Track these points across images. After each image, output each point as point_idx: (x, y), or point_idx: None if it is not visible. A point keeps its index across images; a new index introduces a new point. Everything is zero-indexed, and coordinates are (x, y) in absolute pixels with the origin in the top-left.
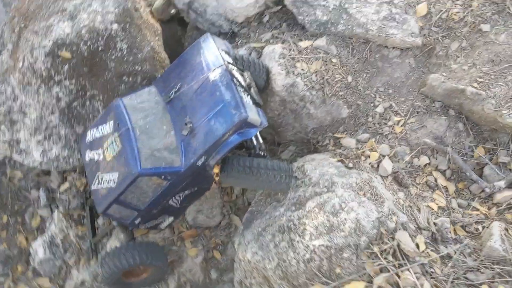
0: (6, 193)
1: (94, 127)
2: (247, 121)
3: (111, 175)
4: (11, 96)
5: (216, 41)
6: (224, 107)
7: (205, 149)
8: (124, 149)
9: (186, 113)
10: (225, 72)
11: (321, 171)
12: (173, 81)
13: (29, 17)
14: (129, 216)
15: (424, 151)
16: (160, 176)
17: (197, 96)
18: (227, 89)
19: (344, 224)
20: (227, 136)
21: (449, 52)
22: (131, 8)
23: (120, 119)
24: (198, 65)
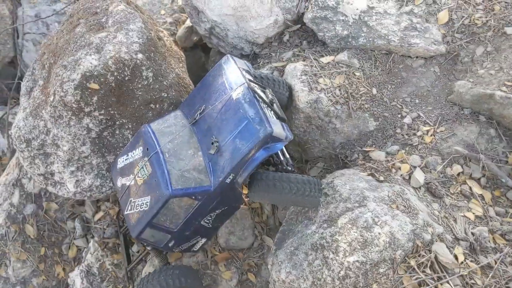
0: (43, 225)
1: (124, 154)
2: (272, 135)
3: (143, 199)
4: (44, 130)
5: (236, 61)
6: (249, 123)
7: (232, 166)
8: (155, 173)
9: (211, 133)
10: (247, 90)
11: (351, 186)
12: (198, 103)
13: (58, 53)
14: (162, 240)
15: (456, 159)
16: (191, 196)
17: (221, 116)
18: (250, 106)
19: (378, 238)
20: (253, 152)
21: (474, 58)
22: (155, 37)
23: (149, 143)
24: (220, 86)
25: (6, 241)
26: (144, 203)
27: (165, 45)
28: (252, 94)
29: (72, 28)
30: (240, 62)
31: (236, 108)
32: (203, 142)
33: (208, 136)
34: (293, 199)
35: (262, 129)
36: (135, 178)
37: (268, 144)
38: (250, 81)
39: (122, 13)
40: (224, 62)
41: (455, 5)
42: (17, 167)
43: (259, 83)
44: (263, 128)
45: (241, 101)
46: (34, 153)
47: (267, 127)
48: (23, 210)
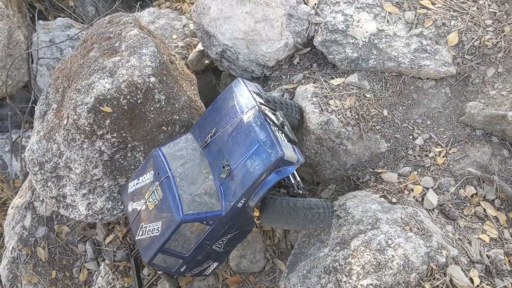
0: (54, 248)
1: (135, 178)
2: (284, 159)
3: (155, 224)
4: (57, 153)
5: (247, 84)
6: (260, 147)
7: (244, 190)
8: (166, 197)
9: (223, 157)
10: (258, 113)
11: (363, 208)
12: (208, 126)
13: (71, 77)
14: (174, 265)
15: (470, 181)
16: (202, 221)
17: (233, 139)
18: (261, 129)
19: (392, 261)
20: (264, 176)
21: (485, 79)
22: (167, 61)
23: (160, 168)
24: (231, 109)
25: (18, 264)
26: (156, 228)
27: (177, 68)
28: (263, 117)
29: (86, 52)
30: (251, 85)
31: (247, 132)
32: (214, 166)
33: (219, 159)
34: (305, 225)
35: (274, 152)
36: (146, 203)
37: (280, 167)
38: (261, 104)
39: (135, 38)
40: (235, 85)
41: (464, 27)
42: (30, 190)
43: (270, 106)
44: (275, 152)
45: (252, 125)
46: (47, 176)
47: (279, 151)
48: (35, 233)
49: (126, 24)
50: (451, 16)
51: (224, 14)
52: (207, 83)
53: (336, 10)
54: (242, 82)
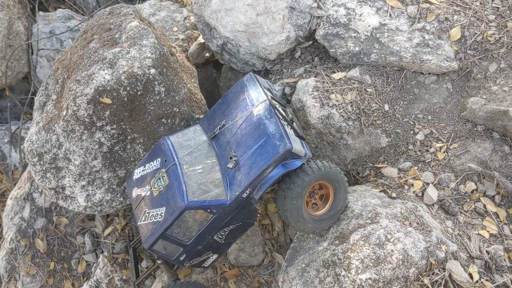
0: (53, 240)
1: (141, 165)
2: (292, 151)
3: (158, 210)
4: (56, 144)
5: (259, 79)
6: (268, 139)
7: (250, 181)
8: (172, 184)
9: (231, 148)
10: (268, 107)
11: (363, 203)
12: (218, 118)
13: (71, 68)
14: (174, 253)
15: (470, 176)
16: (206, 209)
17: (241, 131)
18: (270, 122)
19: (391, 255)
20: (272, 167)
21: (487, 74)
22: (168, 53)
23: (167, 155)
24: (242, 102)
25: (16, 255)
26: (159, 214)
27: (177, 60)
28: (273, 111)
29: (86, 43)
30: (262, 80)
31: (257, 124)
32: (222, 157)
33: (227, 150)
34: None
35: (282, 145)
36: (151, 189)
37: (287, 160)
38: (272, 98)
39: (135, 29)
40: (247, 79)
41: (467, 22)
42: (29, 181)
43: (280, 102)
44: (283, 144)
45: (261, 117)
46: (46, 167)
47: (287, 143)
48: (33, 224)
49: (126, 15)
50: (454, 11)
51: (225, 6)
52: (207, 76)
53: (338, 3)
54: (254, 77)
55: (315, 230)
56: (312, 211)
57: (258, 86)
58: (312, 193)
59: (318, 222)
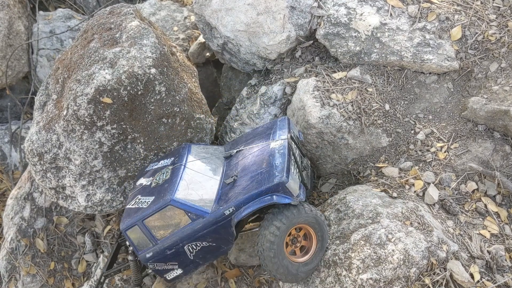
0: (53, 239)
1: (157, 161)
2: (285, 185)
3: (147, 198)
4: (57, 143)
5: (290, 124)
6: (270, 168)
7: (237, 201)
8: (170, 179)
9: (236, 169)
10: (285, 144)
11: (364, 202)
12: (239, 144)
13: (72, 67)
14: (143, 246)
15: (471, 176)
16: (187, 212)
17: (253, 157)
18: (280, 156)
19: (392, 255)
20: (261, 194)
21: (488, 74)
22: (168, 52)
23: (179, 157)
24: (266, 136)
25: (17, 255)
26: (146, 201)
27: (178, 60)
28: (288, 149)
29: (86, 43)
30: (293, 127)
31: (268, 155)
32: (226, 175)
33: (233, 170)
34: None
35: (279, 176)
36: (153, 180)
37: (278, 192)
38: (293, 140)
39: (136, 29)
40: (280, 120)
41: (468, 22)
42: (29, 181)
43: (301, 150)
44: (280, 176)
45: (274, 150)
46: (46, 167)
47: (283, 176)
48: (33, 224)
49: (127, 15)
50: (455, 11)
51: (226, 5)
52: (208, 76)
53: (339, 3)
54: (288, 120)
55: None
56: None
57: (286, 128)
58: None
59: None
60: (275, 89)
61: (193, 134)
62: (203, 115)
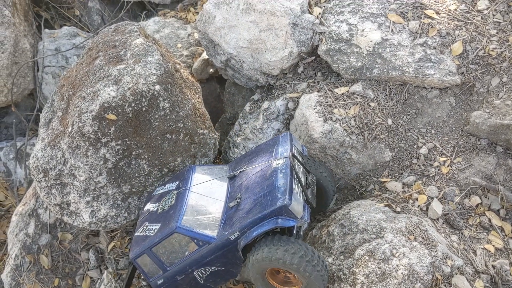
0: (57, 256)
1: (163, 185)
2: (288, 208)
3: (154, 225)
4: (61, 160)
5: (293, 140)
6: (273, 190)
7: (241, 225)
8: (175, 206)
9: (240, 190)
10: (287, 163)
11: (368, 217)
12: (243, 163)
13: (77, 84)
14: (153, 273)
15: (475, 190)
16: (193, 239)
17: (256, 178)
18: (282, 176)
19: (396, 270)
20: (264, 218)
21: (490, 88)
22: (172, 69)
23: (184, 180)
24: (269, 155)
25: (21, 271)
26: (153, 229)
27: (181, 76)
28: (289, 168)
29: (91, 60)
30: (296, 142)
31: (270, 175)
32: (230, 197)
33: (237, 191)
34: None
35: (281, 199)
36: (159, 206)
37: (282, 215)
38: (295, 158)
39: (140, 46)
40: (282, 136)
41: (469, 37)
42: (34, 197)
43: (305, 166)
44: (282, 198)
45: (277, 170)
46: (51, 183)
47: (286, 199)
48: (38, 241)
49: (131, 32)
50: (456, 26)
51: (229, 23)
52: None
53: (340, 19)
54: (290, 136)
55: None
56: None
57: (288, 145)
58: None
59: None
60: (278, 104)
61: (197, 150)
62: (207, 131)
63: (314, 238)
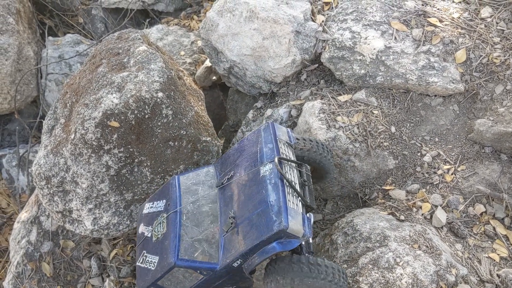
0: (59, 263)
1: (151, 201)
2: (287, 231)
3: (153, 257)
4: (64, 167)
5: (277, 130)
6: (267, 208)
7: (241, 252)
8: (168, 234)
9: (232, 205)
10: (274, 169)
11: (371, 225)
12: (229, 166)
13: (80, 92)
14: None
15: (479, 199)
16: (196, 270)
17: (245, 190)
18: (273, 190)
19: (400, 279)
20: (263, 244)
21: (494, 96)
22: (175, 76)
23: (172, 199)
24: (253, 156)
25: (23, 279)
26: (153, 262)
27: (184, 84)
28: (279, 176)
29: (94, 68)
30: (281, 130)
31: (260, 187)
32: (223, 212)
33: (229, 207)
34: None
35: (277, 222)
36: (152, 232)
37: (281, 239)
38: (282, 159)
39: (143, 54)
40: (264, 129)
41: (472, 44)
42: (36, 204)
43: (295, 161)
44: (278, 222)
45: (266, 181)
46: (53, 190)
47: (282, 221)
48: (40, 248)
49: (134, 40)
50: (459, 34)
51: (232, 30)
52: (214, 99)
53: (343, 27)
54: (271, 127)
55: None
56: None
57: (272, 140)
58: None
59: None
60: (281, 112)
61: (200, 157)
62: (210, 138)
63: (317, 246)
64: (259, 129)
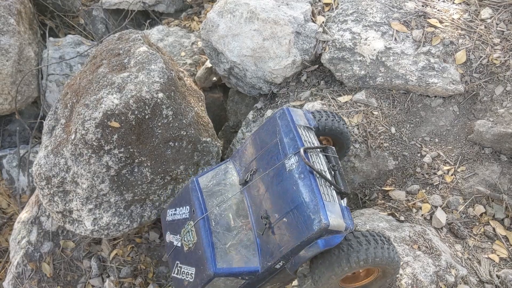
0: (59, 263)
1: (173, 207)
2: (328, 229)
3: (189, 269)
4: (64, 167)
5: (293, 116)
6: (302, 206)
7: (282, 255)
8: (200, 244)
9: (261, 204)
10: (301, 162)
11: (371, 226)
12: (249, 160)
13: (80, 92)
14: None
15: (479, 199)
16: (237, 276)
17: (273, 186)
18: (305, 185)
19: (400, 280)
20: (305, 243)
21: (494, 97)
22: (175, 77)
23: (195, 205)
24: (274, 148)
25: (23, 279)
26: (190, 273)
27: (185, 84)
28: (307, 168)
29: (95, 68)
30: (297, 115)
31: (289, 183)
32: (253, 212)
33: (258, 205)
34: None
35: (317, 220)
36: (182, 242)
37: (323, 236)
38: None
39: (144, 54)
40: (279, 116)
41: (472, 45)
42: (36, 205)
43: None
44: (317, 220)
45: (294, 176)
46: (53, 191)
47: (322, 220)
48: (40, 248)
49: (135, 41)
50: (459, 35)
51: (232, 31)
52: (214, 100)
53: (344, 28)
54: (288, 113)
55: None
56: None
57: (291, 128)
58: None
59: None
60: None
61: (200, 158)
62: (210, 139)
63: None
64: (274, 117)
